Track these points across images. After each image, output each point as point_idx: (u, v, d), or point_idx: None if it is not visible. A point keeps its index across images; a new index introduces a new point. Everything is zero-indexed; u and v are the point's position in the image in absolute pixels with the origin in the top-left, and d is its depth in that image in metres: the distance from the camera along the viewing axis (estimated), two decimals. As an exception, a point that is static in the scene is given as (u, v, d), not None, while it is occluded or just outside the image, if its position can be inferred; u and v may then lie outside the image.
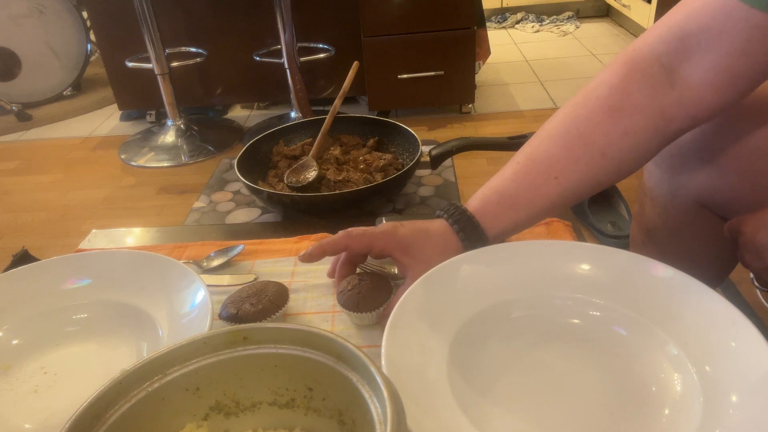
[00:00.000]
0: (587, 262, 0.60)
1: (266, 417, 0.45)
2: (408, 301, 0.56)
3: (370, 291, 0.59)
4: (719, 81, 0.52)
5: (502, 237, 0.62)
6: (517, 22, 3.35)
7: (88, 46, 2.63)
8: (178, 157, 1.99)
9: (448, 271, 0.59)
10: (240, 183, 1.28)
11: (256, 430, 0.45)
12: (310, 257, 0.62)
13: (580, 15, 3.38)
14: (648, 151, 0.58)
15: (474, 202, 0.61)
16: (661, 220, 0.76)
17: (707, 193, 0.67)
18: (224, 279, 0.70)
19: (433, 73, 2.05)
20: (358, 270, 0.65)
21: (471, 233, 0.60)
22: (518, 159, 0.61)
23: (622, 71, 0.57)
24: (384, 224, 0.62)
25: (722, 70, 0.51)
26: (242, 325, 0.43)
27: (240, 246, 0.74)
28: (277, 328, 0.43)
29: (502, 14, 3.41)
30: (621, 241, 1.34)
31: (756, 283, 0.52)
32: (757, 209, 0.60)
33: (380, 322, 0.61)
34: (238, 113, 2.37)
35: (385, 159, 1.27)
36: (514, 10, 3.41)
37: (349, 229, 0.62)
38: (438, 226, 0.62)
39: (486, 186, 0.62)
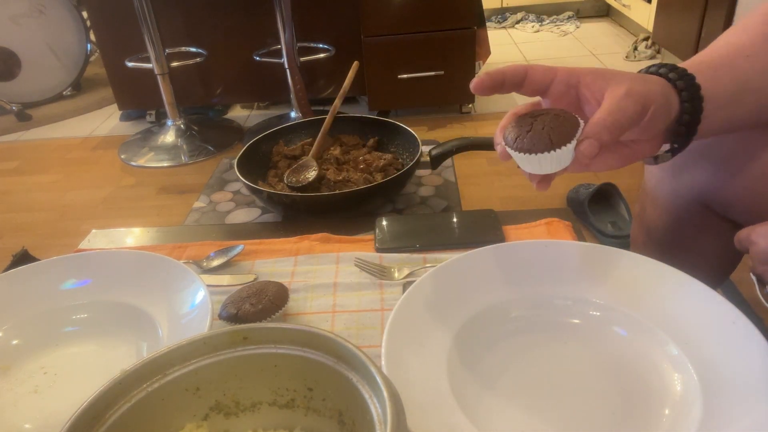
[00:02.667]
0: (587, 262, 0.60)
1: (266, 417, 0.45)
2: (409, 301, 0.56)
3: (557, 122, 0.46)
4: None
5: (713, 101, 0.51)
6: (517, 22, 3.35)
7: (88, 46, 2.62)
8: (178, 157, 1.99)
9: (449, 271, 0.59)
10: (240, 183, 1.28)
11: (256, 430, 0.45)
12: (482, 84, 0.48)
13: (580, 15, 3.38)
14: None
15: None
16: (662, 220, 0.76)
17: (709, 192, 0.67)
18: (224, 279, 0.70)
19: (433, 73, 2.05)
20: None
21: (689, 83, 0.50)
22: (693, 58, 0.54)
23: None
24: None
25: None
26: (242, 325, 0.43)
27: (240, 246, 0.74)
28: (277, 328, 0.43)
29: (502, 14, 3.41)
30: (621, 241, 1.34)
31: (762, 297, 0.51)
32: (759, 208, 0.60)
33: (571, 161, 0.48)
34: (238, 113, 2.37)
35: (385, 159, 1.27)
36: (514, 10, 3.41)
37: None
38: (649, 76, 0.51)
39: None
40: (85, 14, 2.52)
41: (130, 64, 2.05)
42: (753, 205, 0.62)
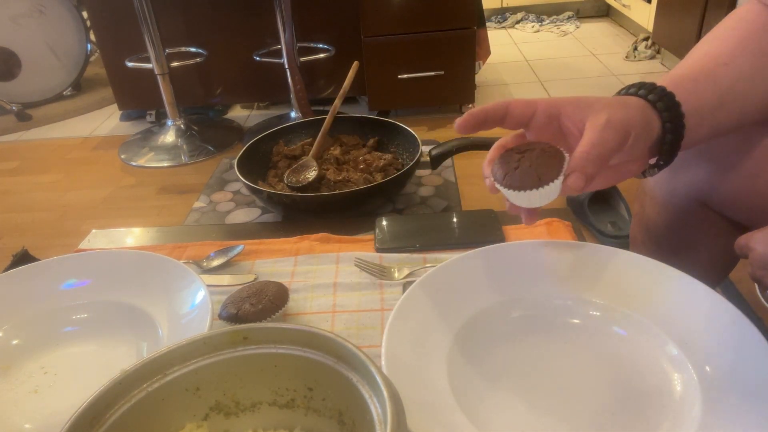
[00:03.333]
0: (587, 262, 0.60)
1: (266, 417, 0.45)
2: (408, 301, 0.56)
3: (543, 157, 0.47)
4: None
5: (696, 116, 0.52)
6: (517, 22, 3.35)
7: (88, 46, 2.62)
8: (178, 157, 1.99)
9: (449, 271, 0.59)
10: (240, 183, 1.28)
11: (256, 430, 0.45)
12: (465, 123, 0.50)
13: (580, 15, 3.38)
14: None
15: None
16: (661, 218, 0.76)
17: (707, 190, 0.67)
18: (224, 279, 0.70)
19: (433, 73, 2.05)
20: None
21: (669, 103, 0.50)
22: (671, 72, 0.55)
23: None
24: None
25: None
26: (242, 325, 0.43)
27: (240, 246, 0.74)
28: (277, 328, 0.43)
29: (502, 14, 3.41)
30: (621, 241, 1.34)
31: (763, 299, 0.51)
32: (757, 206, 0.60)
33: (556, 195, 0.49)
34: (238, 113, 2.37)
35: (385, 159, 1.27)
36: (514, 10, 3.41)
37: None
38: (628, 98, 0.51)
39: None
40: (85, 14, 2.52)
41: (130, 64, 2.05)
42: (751, 203, 0.63)
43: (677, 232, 0.76)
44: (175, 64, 2.04)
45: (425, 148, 1.23)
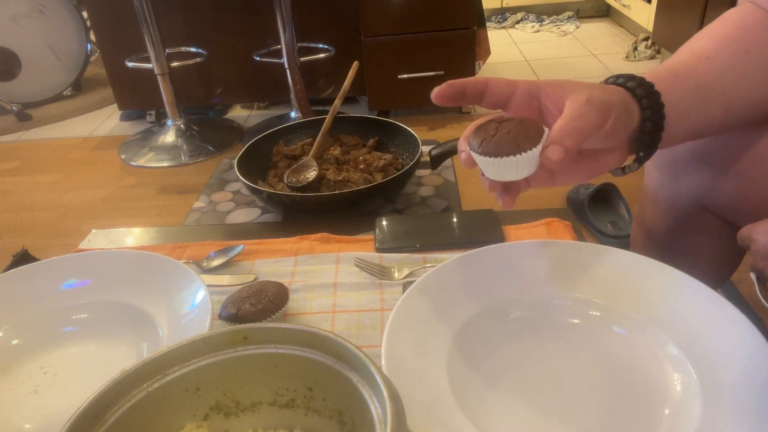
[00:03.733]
0: (587, 262, 0.60)
1: (266, 417, 0.45)
2: (408, 301, 0.56)
3: (522, 127, 0.46)
4: None
5: (675, 110, 0.51)
6: (517, 22, 3.35)
7: (88, 46, 2.62)
8: (178, 157, 1.99)
9: (449, 271, 0.59)
10: (240, 183, 1.28)
11: (256, 430, 0.45)
12: (442, 94, 0.49)
13: (580, 15, 3.38)
14: None
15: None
16: (662, 222, 0.76)
17: (711, 195, 0.67)
18: (224, 279, 0.70)
19: (433, 73, 2.05)
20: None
21: (648, 91, 0.50)
22: (654, 68, 0.54)
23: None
24: None
25: None
26: (242, 325, 0.43)
27: (240, 246, 0.74)
28: (277, 328, 0.43)
29: (502, 14, 3.41)
30: (621, 241, 1.34)
31: (762, 297, 0.51)
32: (762, 212, 0.60)
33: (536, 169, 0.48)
34: (238, 113, 2.37)
35: (385, 159, 1.27)
36: (514, 10, 3.41)
37: None
38: (608, 86, 0.51)
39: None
40: (85, 14, 2.52)
41: (130, 64, 2.05)
42: (754, 207, 0.62)
43: (679, 237, 0.75)
44: (175, 64, 2.04)
45: (425, 148, 1.23)
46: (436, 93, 0.49)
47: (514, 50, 2.91)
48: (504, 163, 0.46)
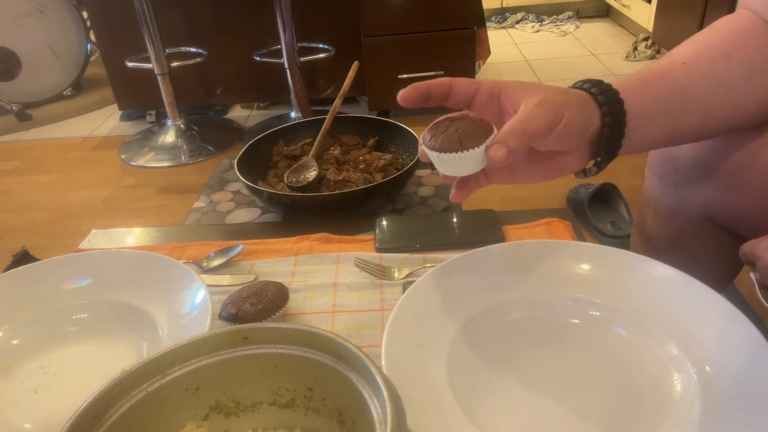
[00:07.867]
0: (587, 262, 0.60)
1: (266, 417, 0.45)
2: (408, 301, 0.56)
3: (470, 126, 0.49)
4: None
5: (641, 115, 0.52)
6: (517, 22, 3.35)
7: (88, 46, 2.62)
8: (178, 157, 1.99)
9: (449, 271, 0.59)
10: (240, 183, 1.28)
11: (256, 430, 0.45)
12: (408, 96, 0.50)
13: (580, 15, 3.38)
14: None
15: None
16: (663, 231, 0.76)
17: (713, 206, 0.67)
18: (224, 279, 0.70)
19: (433, 73, 2.05)
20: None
21: (610, 97, 0.51)
22: (629, 75, 0.55)
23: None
24: None
25: None
26: (242, 325, 0.43)
27: (240, 246, 0.74)
28: (277, 328, 0.43)
29: (502, 14, 3.41)
30: (621, 241, 1.34)
31: (763, 298, 0.51)
32: (765, 222, 0.59)
33: (483, 167, 0.50)
34: (238, 113, 2.37)
35: (385, 159, 1.27)
36: (514, 10, 3.41)
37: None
38: (572, 90, 0.53)
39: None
40: (85, 14, 2.52)
41: (130, 64, 2.05)
42: (760, 219, 0.62)
43: (680, 245, 0.75)
44: (175, 64, 2.04)
45: (425, 148, 1.23)
46: (401, 95, 0.50)
47: (514, 50, 2.91)
48: (449, 159, 0.49)
